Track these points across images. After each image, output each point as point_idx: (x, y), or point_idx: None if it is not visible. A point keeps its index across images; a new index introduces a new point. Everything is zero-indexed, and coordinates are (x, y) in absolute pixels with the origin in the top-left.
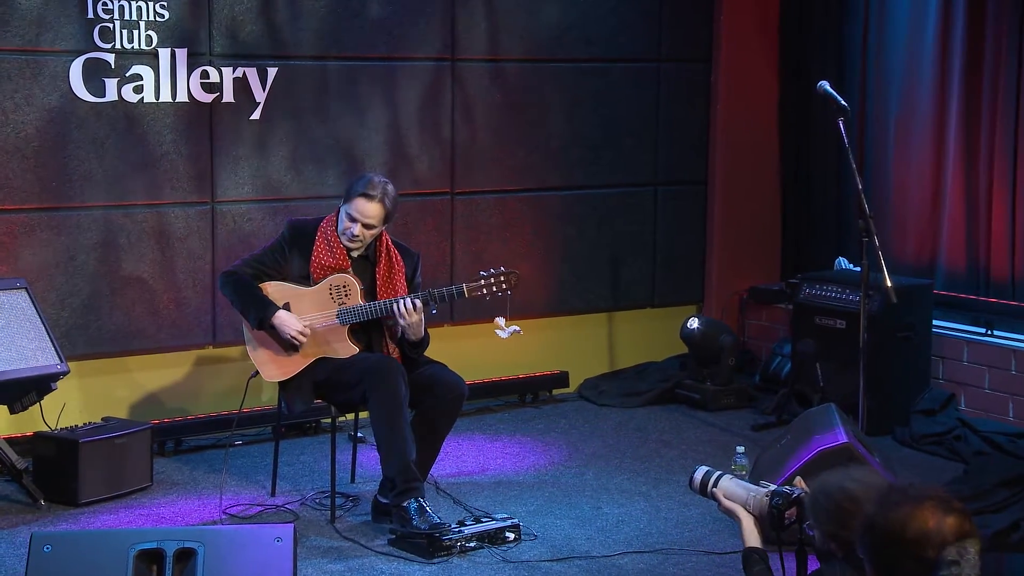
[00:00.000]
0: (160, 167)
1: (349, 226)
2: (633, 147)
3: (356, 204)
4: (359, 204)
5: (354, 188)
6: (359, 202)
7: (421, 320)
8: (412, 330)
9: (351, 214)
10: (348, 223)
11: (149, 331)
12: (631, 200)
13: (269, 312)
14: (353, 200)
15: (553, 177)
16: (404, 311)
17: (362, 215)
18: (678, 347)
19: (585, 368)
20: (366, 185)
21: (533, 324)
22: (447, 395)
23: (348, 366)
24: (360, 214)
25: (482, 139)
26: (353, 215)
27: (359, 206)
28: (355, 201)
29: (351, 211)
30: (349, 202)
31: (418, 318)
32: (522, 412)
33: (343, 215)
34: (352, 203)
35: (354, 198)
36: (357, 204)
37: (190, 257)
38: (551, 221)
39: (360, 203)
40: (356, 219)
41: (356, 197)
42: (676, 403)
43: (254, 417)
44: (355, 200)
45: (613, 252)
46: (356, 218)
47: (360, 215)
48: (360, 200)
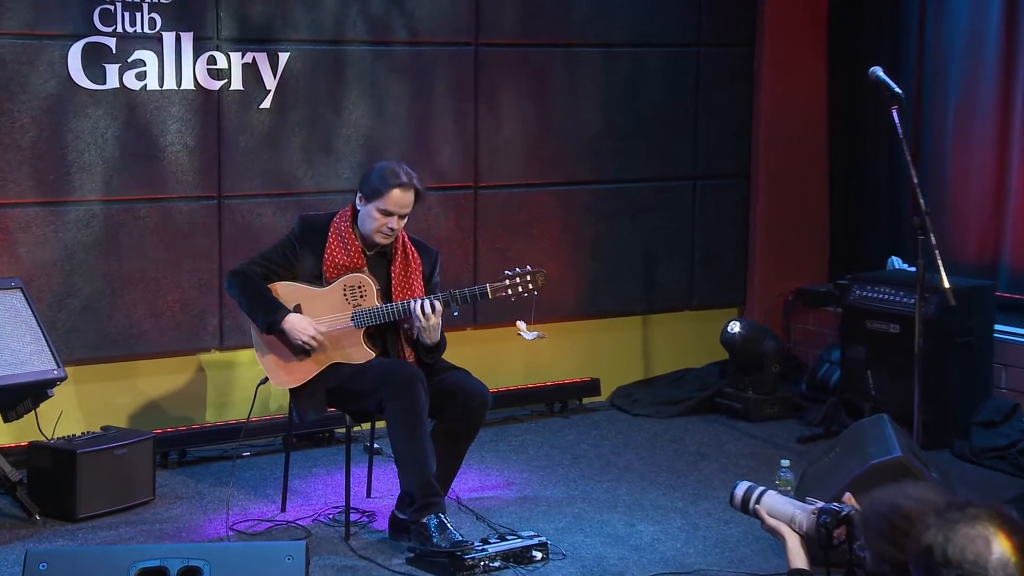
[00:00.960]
0: (164, 159)
1: (384, 222)
2: (670, 138)
3: (393, 198)
4: (396, 197)
5: (381, 182)
6: (396, 195)
7: (439, 324)
8: (428, 333)
9: (387, 209)
10: (383, 218)
11: (152, 334)
12: (668, 194)
13: (279, 315)
14: (387, 194)
15: (584, 170)
16: (421, 314)
17: (400, 206)
18: (718, 353)
19: (618, 375)
20: (394, 175)
21: (562, 328)
22: (470, 403)
23: (363, 372)
24: (399, 206)
25: (508, 129)
26: (390, 209)
27: (397, 199)
28: (390, 195)
29: (386, 206)
30: (380, 197)
31: (436, 321)
32: (550, 422)
33: (372, 212)
34: (386, 198)
35: (388, 192)
36: (394, 198)
37: (195, 255)
38: (581, 217)
39: (397, 195)
40: (393, 212)
41: (391, 190)
42: (716, 413)
43: (263, 427)
44: (390, 194)
45: (648, 250)
46: (393, 211)
47: (399, 207)
48: (397, 192)
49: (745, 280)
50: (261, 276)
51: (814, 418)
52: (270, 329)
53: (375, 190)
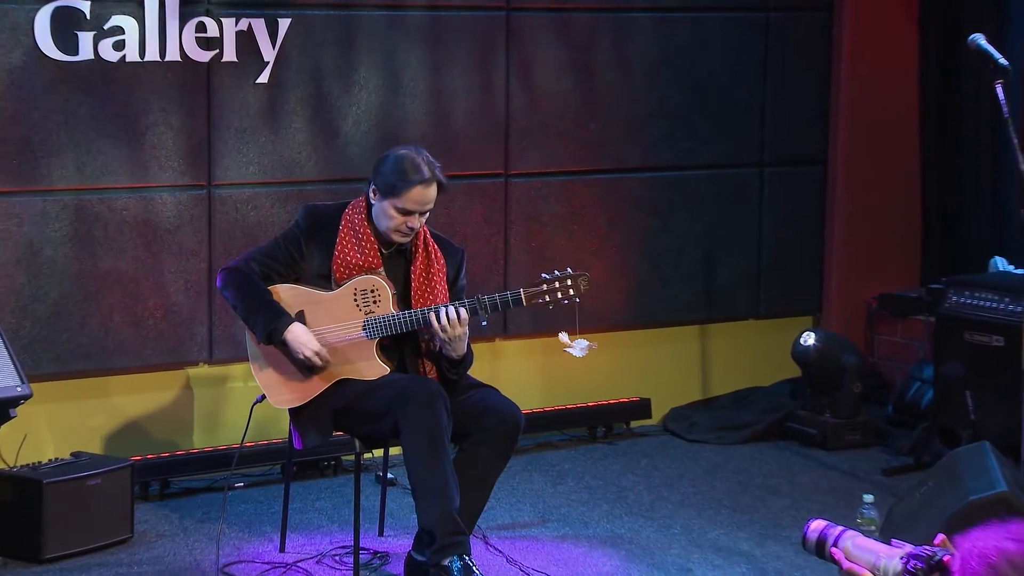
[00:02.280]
0: (145, 142)
1: (403, 221)
2: (734, 117)
3: (412, 195)
4: (416, 194)
5: (399, 177)
6: (416, 192)
7: (465, 334)
8: (453, 346)
9: (406, 208)
10: (401, 217)
11: (131, 345)
12: (730, 184)
13: (281, 323)
14: (406, 192)
15: (632, 155)
16: (446, 323)
17: (421, 204)
18: (789, 369)
19: (671, 395)
20: (414, 169)
21: (607, 339)
22: (499, 427)
23: (376, 390)
24: (419, 204)
25: (544, 108)
26: (410, 208)
27: (416, 196)
28: (411, 193)
29: (405, 205)
30: (398, 195)
31: (462, 331)
32: (592, 449)
33: (388, 210)
34: (405, 196)
35: (407, 190)
36: (415, 195)
37: (182, 253)
38: (630, 210)
39: (418, 192)
40: (413, 211)
41: (412, 188)
42: (786, 439)
43: (259, 453)
44: (410, 192)
45: (707, 249)
46: (414, 210)
47: (419, 205)
48: (418, 190)
49: (821, 284)
50: (260, 276)
51: (902, 446)
52: (270, 339)
53: (392, 186)
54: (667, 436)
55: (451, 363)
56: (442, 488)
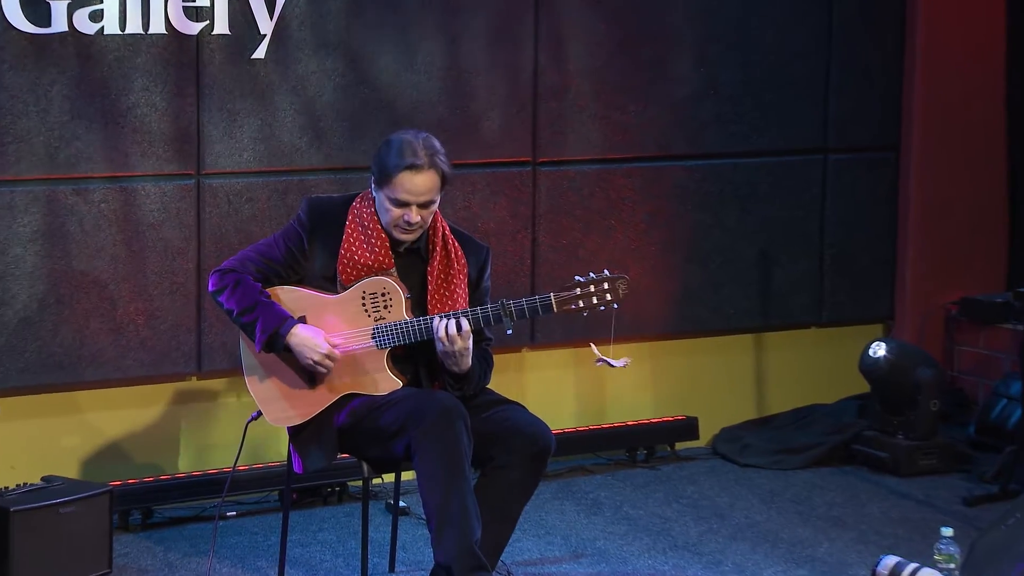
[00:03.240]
0: (126, 125)
1: (400, 214)
2: (793, 97)
3: (401, 182)
4: (405, 181)
5: (388, 162)
6: (405, 178)
7: (468, 349)
8: (455, 360)
9: (397, 198)
10: (396, 210)
11: (109, 355)
12: (790, 173)
13: (284, 326)
14: (395, 179)
15: (677, 140)
16: (443, 336)
17: (414, 194)
18: (856, 384)
19: (722, 413)
20: (404, 152)
21: (648, 350)
22: (526, 449)
23: (387, 407)
24: (411, 193)
25: (577, 87)
26: (401, 198)
27: (406, 183)
28: (399, 179)
29: (395, 194)
30: (388, 183)
31: (463, 345)
32: (632, 474)
33: (382, 202)
34: (394, 183)
35: (395, 176)
36: (402, 182)
37: (167, 252)
38: (674, 203)
39: (406, 179)
40: (407, 201)
41: (399, 173)
42: (853, 464)
43: (254, 478)
44: (398, 178)
45: (763, 247)
46: (406, 200)
47: (411, 195)
48: (406, 175)
49: (893, 287)
50: (257, 277)
51: (986, 472)
52: (272, 345)
53: (383, 172)
54: (717, 460)
55: (454, 378)
56: (461, 518)
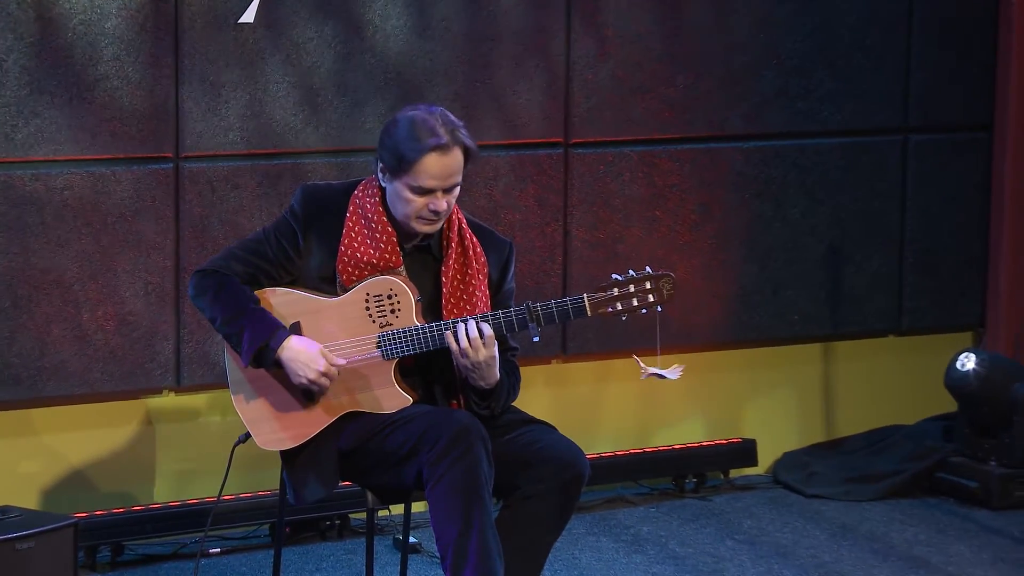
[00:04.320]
0: (94, 100)
1: (423, 203)
2: (868, 70)
3: (426, 167)
4: (431, 165)
5: (406, 146)
6: (431, 162)
7: (494, 359)
8: (480, 372)
9: (422, 185)
10: (419, 199)
11: (73, 367)
12: (864, 156)
13: (275, 338)
14: (418, 164)
15: (733, 119)
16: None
17: (441, 178)
18: (942, 402)
19: (784, 435)
20: (421, 131)
21: (699, 362)
22: (556, 477)
23: (396, 427)
24: (438, 178)
25: (617, 57)
26: (427, 184)
27: (432, 167)
28: (424, 163)
29: (419, 181)
30: (408, 171)
31: (488, 354)
32: (680, 506)
33: (402, 192)
34: (417, 169)
35: (419, 160)
36: (428, 166)
37: (141, 247)
38: (728, 191)
39: (432, 162)
40: (433, 188)
41: (423, 156)
42: (938, 495)
43: (241, 509)
44: (423, 162)
45: (832, 242)
46: (432, 187)
47: (438, 179)
48: (432, 159)
49: (984, 290)
50: (245, 279)
51: None
52: (260, 359)
53: (400, 159)
54: (779, 490)
55: (480, 395)
56: (481, 557)
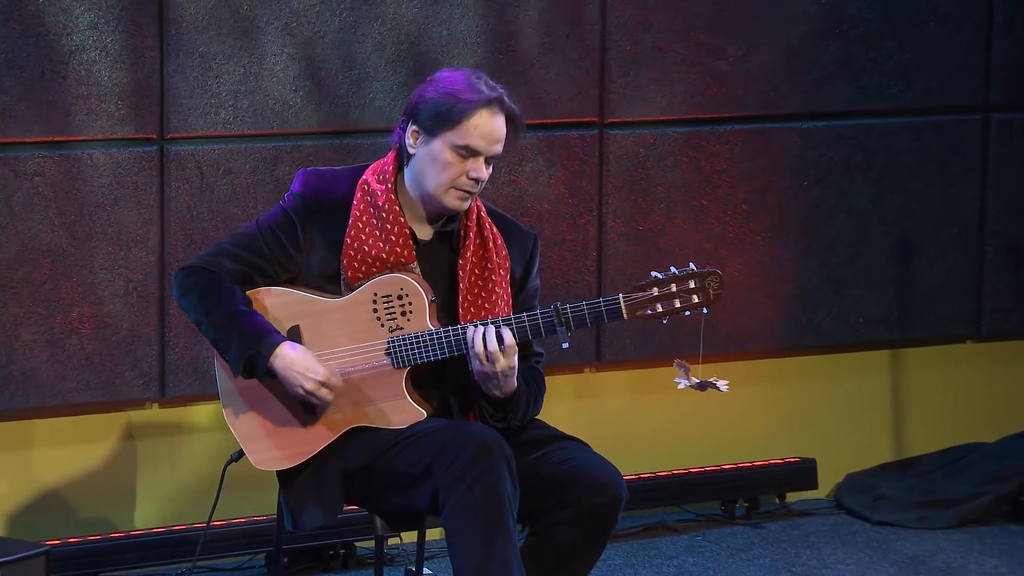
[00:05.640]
0: (68, 75)
1: (465, 168)
2: (943, 40)
3: (477, 123)
4: (483, 122)
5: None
6: (482, 118)
7: (513, 367)
8: (496, 382)
9: (469, 144)
10: (461, 163)
11: (45, 375)
12: (939, 138)
13: (266, 345)
14: (469, 118)
15: (791, 95)
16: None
17: (491, 140)
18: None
19: (847, 454)
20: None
21: (750, 371)
22: (589, 500)
23: (408, 444)
24: (487, 139)
25: (659, 25)
26: (475, 144)
27: (483, 125)
28: (475, 119)
29: (467, 139)
30: (455, 126)
31: (507, 364)
32: (729, 534)
33: (442, 154)
34: (466, 124)
35: (470, 114)
36: (479, 123)
37: (121, 240)
38: (784, 177)
39: (484, 120)
40: (479, 150)
41: (476, 111)
42: (1021, 522)
43: (234, 536)
44: (474, 117)
45: (903, 236)
46: (479, 148)
47: (488, 141)
48: (484, 115)
49: None
50: (235, 277)
51: None
52: (251, 369)
53: (448, 111)
54: (842, 515)
55: (494, 405)
56: None
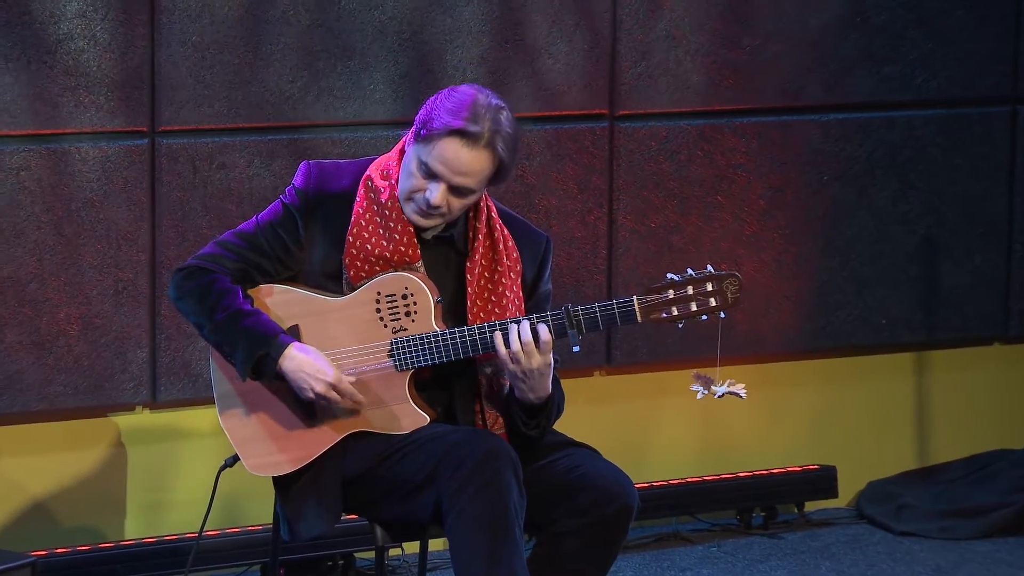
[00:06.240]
0: (55, 64)
1: (421, 186)
2: (970, 28)
3: (441, 148)
4: (447, 148)
5: (437, 116)
6: (447, 144)
7: (549, 366)
8: (530, 384)
9: (428, 164)
10: (419, 180)
11: (30, 379)
12: (966, 131)
13: (274, 346)
14: (436, 140)
15: (811, 86)
16: (518, 349)
17: (450, 169)
18: None
19: (869, 461)
20: (461, 111)
21: (769, 375)
22: (599, 510)
23: (410, 450)
24: (446, 167)
25: (672, 13)
26: (433, 167)
27: (446, 151)
28: (440, 143)
29: (428, 158)
30: (428, 142)
31: (542, 361)
32: (746, 544)
33: (410, 162)
34: (435, 145)
35: (438, 136)
36: (443, 148)
37: (110, 237)
38: (805, 172)
39: (449, 146)
40: (438, 174)
41: (443, 136)
42: None
43: (228, 546)
44: (440, 141)
45: (926, 233)
46: (438, 172)
47: (446, 168)
48: (450, 142)
49: None
50: (235, 276)
51: None
52: (258, 371)
53: (426, 124)
54: (863, 525)
55: (528, 411)
56: None
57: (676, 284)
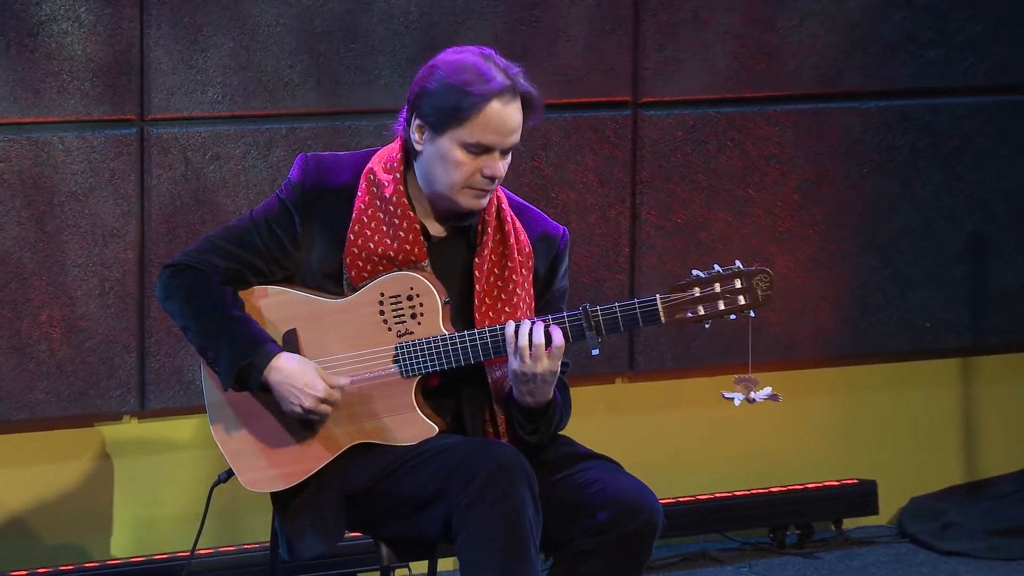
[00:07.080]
0: (37, 48)
1: (474, 168)
2: (1020, 9)
3: (488, 118)
4: (494, 116)
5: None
6: (493, 112)
7: (555, 374)
8: (531, 388)
9: (481, 141)
10: (470, 164)
11: (10, 386)
12: (1014, 121)
13: (260, 356)
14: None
15: (849, 71)
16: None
17: (504, 132)
18: None
19: (912, 475)
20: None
21: (803, 382)
22: (620, 527)
23: (417, 464)
24: (501, 132)
25: None
26: (488, 140)
27: (494, 119)
28: (486, 113)
29: (478, 136)
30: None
31: (549, 367)
32: (779, 564)
33: (451, 153)
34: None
35: (479, 109)
36: (490, 117)
37: (96, 234)
38: (843, 164)
39: (495, 113)
40: (493, 145)
41: (486, 104)
42: None
43: (223, 566)
44: (485, 111)
45: (973, 230)
46: (493, 144)
47: (501, 134)
48: (495, 108)
49: None
50: (227, 276)
51: None
52: (244, 381)
53: (454, 108)
54: (905, 544)
55: (527, 415)
56: None
57: (702, 281)
